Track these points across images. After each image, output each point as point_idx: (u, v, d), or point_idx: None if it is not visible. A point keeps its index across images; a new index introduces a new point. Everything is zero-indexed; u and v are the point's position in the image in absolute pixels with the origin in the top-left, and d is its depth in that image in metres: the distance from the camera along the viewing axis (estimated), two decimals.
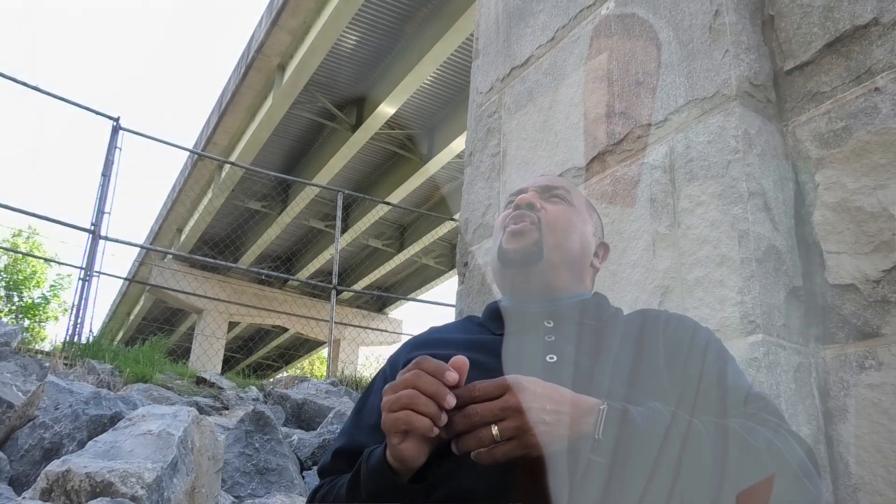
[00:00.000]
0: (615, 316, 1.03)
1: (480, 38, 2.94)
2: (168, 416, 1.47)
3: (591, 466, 0.70)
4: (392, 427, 0.72)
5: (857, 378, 1.41)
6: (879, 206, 1.45)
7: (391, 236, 16.27)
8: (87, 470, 1.26)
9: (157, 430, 1.39)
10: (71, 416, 1.71)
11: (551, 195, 1.11)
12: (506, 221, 1.08)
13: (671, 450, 0.70)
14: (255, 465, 1.69)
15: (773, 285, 1.50)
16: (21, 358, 2.29)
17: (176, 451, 1.34)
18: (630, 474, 0.69)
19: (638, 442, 0.70)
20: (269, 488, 1.64)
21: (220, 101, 12.45)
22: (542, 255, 1.01)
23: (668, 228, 1.71)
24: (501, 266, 1.05)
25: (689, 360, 0.89)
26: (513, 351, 0.91)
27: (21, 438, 1.69)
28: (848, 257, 1.49)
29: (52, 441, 1.68)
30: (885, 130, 1.47)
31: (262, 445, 1.74)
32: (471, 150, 2.81)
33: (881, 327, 1.40)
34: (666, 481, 0.68)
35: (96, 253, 4.18)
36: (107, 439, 1.41)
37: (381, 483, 0.76)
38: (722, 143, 1.63)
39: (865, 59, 1.56)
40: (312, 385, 3.13)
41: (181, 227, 16.18)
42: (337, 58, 10.78)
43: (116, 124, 4.73)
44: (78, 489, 1.25)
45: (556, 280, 1.02)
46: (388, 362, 1.05)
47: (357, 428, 0.95)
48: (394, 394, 0.73)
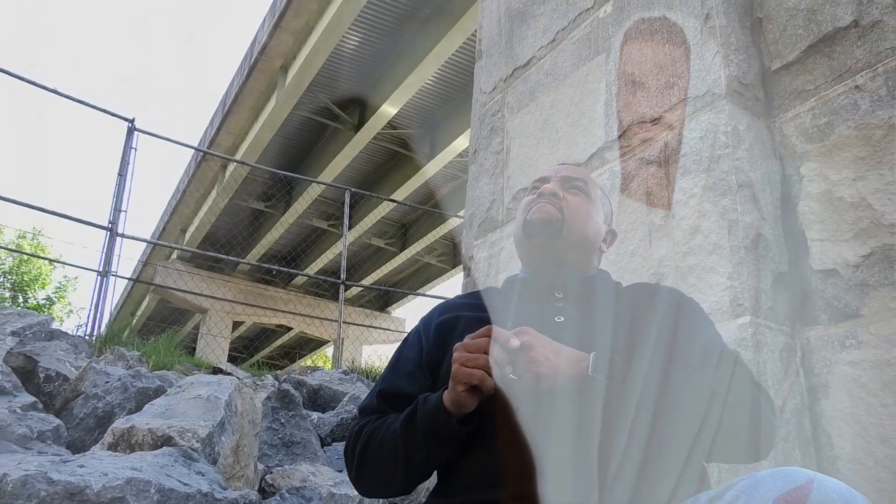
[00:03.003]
0: (615, 287, 1.17)
1: (483, 40, 3.04)
2: (213, 383, 1.61)
3: (588, 400, 0.86)
4: (465, 379, 0.88)
5: (839, 356, 1.51)
6: (858, 197, 1.55)
7: (393, 235, 16.39)
8: (149, 426, 1.39)
9: (206, 394, 1.52)
10: (121, 388, 1.84)
11: (571, 186, 1.24)
12: (530, 205, 1.21)
13: (651, 383, 0.86)
14: (282, 438, 1.82)
15: (761, 271, 1.60)
16: (71, 337, 2.43)
17: (223, 413, 1.47)
18: (619, 402, 0.86)
19: (622, 376, 0.87)
20: (294, 459, 1.77)
21: (224, 102, 12.57)
22: (562, 233, 1.16)
23: (662, 220, 1.81)
24: (525, 236, 1.19)
25: (679, 321, 1.02)
26: (526, 313, 1.05)
27: (76, 408, 1.82)
28: (830, 244, 1.59)
29: (105, 410, 1.81)
30: (864, 125, 1.58)
31: (287, 421, 1.86)
32: (475, 148, 2.91)
33: (860, 309, 1.50)
34: (649, 407, 0.83)
35: (114, 250, 4.32)
36: (161, 403, 1.55)
37: (437, 422, 0.92)
38: (713, 139, 1.74)
39: (846, 59, 1.67)
40: (325, 374, 3.26)
41: (185, 228, 16.30)
42: (339, 58, 10.89)
43: (132, 125, 4.86)
44: (141, 442, 1.38)
45: (568, 257, 1.17)
46: (421, 322, 1.19)
47: (396, 375, 1.10)
48: (467, 353, 0.89)
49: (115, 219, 4.42)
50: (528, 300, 1.11)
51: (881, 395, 1.42)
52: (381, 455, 0.99)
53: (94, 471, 1.19)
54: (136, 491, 1.20)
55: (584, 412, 0.86)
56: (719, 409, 0.85)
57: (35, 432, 1.56)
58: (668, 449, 0.85)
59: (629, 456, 0.83)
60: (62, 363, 1.91)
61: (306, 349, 21.95)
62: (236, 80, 11.92)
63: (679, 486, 0.84)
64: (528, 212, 1.20)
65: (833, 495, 0.65)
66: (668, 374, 0.88)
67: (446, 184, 14.20)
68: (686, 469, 0.85)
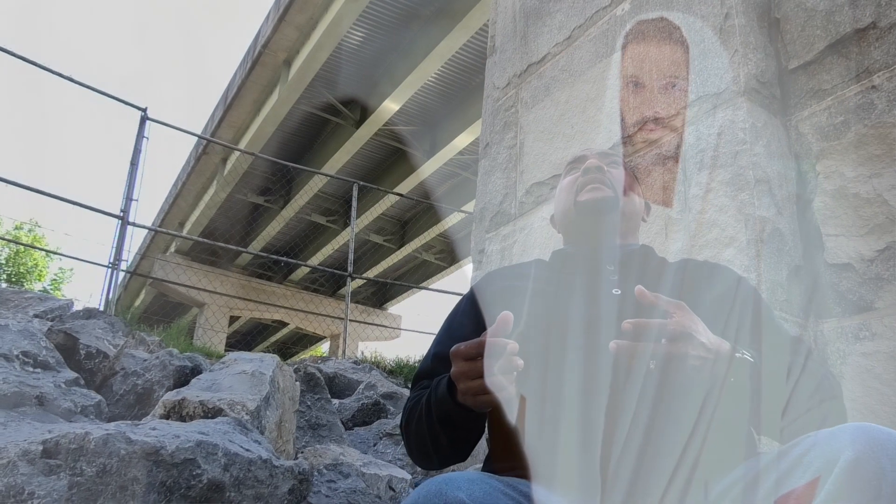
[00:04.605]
0: (663, 261, 1.19)
1: (497, 36, 3.08)
2: (256, 360, 1.65)
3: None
4: (474, 392, 0.82)
5: (853, 348, 1.55)
6: (874, 193, 1.59)
7: (392, 232, 16.41)
8: (199, 398, 1.43)
9: (251, 370, 1.56)
10: (159, 366, 1.87)
11: (610, 161, 1.26)
12: (576, 183, 1.22)
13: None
14: (308, 420, 1.86)
15: (777, 264, 1.64)
16: (109, 317, 2.46)
17: (269, 388, 1.50)
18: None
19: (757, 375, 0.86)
20: (321, 441, 1.80)
21: (226, 95, 12.57)
22: (618, 205, 1.17)
23: (679, 213, 1.85)
24: (579, 217, 1.18)
25: (738, 300, 1.04)
26: (583, 285, 1.05)
27: (115, 385, 1.85)
28: (845, 239, 1.63)
29: (144, 387, 1.84)
30: (880, 124, 1.62)
31: (313, 404, 1.90)
32: (486, 143, 2.94)
33: (874, 301, 1.54)
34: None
35: (125, 238, 4.34)
36: (207, 377, 1.58)
37: (450, 410, 0.90)
38: (731, 135, 1.77)
39: (864, 60, 1.71)
40: (338, 363, 3.29)
41: (183, 222, 16.29)
42: (343, 54, 10.91)
43: (144, 114, 4.87)
44: (192, 414, 1.42)
45: (623, 228, 1.18)
46: (474, 291, 1.18)
47: (450, 339, 1.09)
48: (464, 363, 0.84)
49: (127, 207, 4.44)
50: (581, 273, 1.11)
51: (895, 384, 1.46)
52: (418, 433, 1.00)
53: (167, 433, 1.23)
54: (206, 453, 1.25)
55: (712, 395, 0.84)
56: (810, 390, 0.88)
57: (79, 407, 1.59)
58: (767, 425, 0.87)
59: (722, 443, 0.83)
60: (101, 341, 1.95)
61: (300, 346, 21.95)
62: (239, 74, 11.92)
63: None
64: (579, 192, 1.20)
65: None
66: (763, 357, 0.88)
67: (445, 181, 14.23)
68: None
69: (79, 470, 1.17)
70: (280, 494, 1.27)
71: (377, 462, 1.73)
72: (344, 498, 1.47)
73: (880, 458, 0.62)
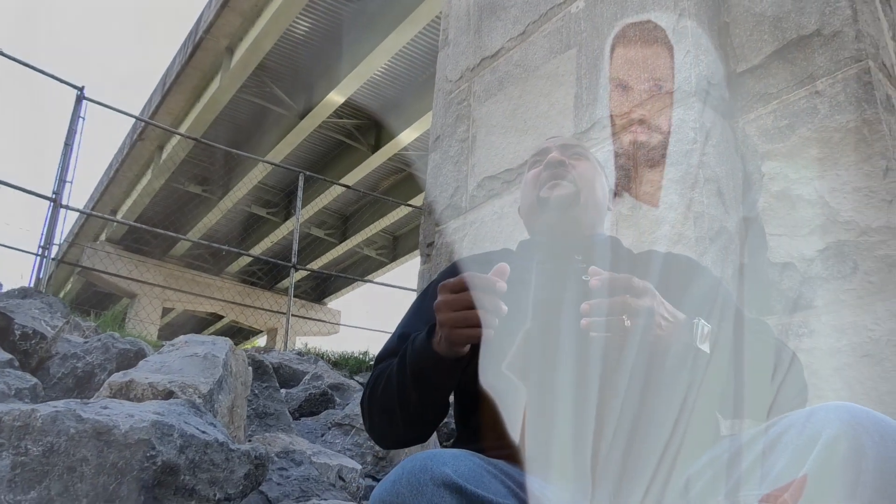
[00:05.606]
0: (629, 252, 1.20)
1: (450, 29, 3.06)
2: (208, 343, 1.58)
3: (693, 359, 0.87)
4: (454, 323, 0.83)
5: (794, 344, 1.60)
6: (816, 195, 1.65)
7: (333, 226, 16.23)
8: (149, 380, 1.35)
9: (203, 353, 1.49)
10: (101, 349, 1.78)
11: (573, 153, 1.25)
12: (539, 177, 1.21)
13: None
14: (255, 409, 1.80)
15: (723, 262, 1.68)
16: (46, 297, 2.32)
17: (222, 371, 1.44)
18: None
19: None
20: (269, 430, 1.75)
21: (164, 80, 12.17)
22: (579, 200, 1.17)
23: (630, 210, 1.87)
24: (541, 212, 1.18)
25: (702, 284, 1.06)
26: (553, 273, 1.05)
27: (53, 368, 1.74)
28: (787, 239, 1.68)
29: (85, 370, 1.75)
30: (823, 129, 1.67)
31: (260, 392, 1.84)
32: (437, 135, 2.93)
33: (814, 300, 1.60)
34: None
35: (56, 222, 4.12)
36: (156, 359, 1.51)
37: (425, 362, 0.89)
38: (682, 134, 1.81)
39: (808, 66, 1.77)
40: (282, 354, 3.22)
41: (116, 209, 15.71)
42: (288, 43, 10.71)
43: (81, 94, 4.64)
44: (140, 396, 1.34)
45: (587, 220, 1.18)
46: (443, 276, 1.16)
47: (419, 321, 1.08)
48: (451, 294, 0.84)
49: (60, 189, 4.22)
50: (550, 261, 1.11)
51: (832, 381, 1.51)
52: (385, 395, 0.97)
53: (120, 412, 1.16)
54: (161, 434, 1.19)
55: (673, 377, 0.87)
56: (773, 370, 0.90)
57: (13, 389, 1.50)
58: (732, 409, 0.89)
59: (685, 422, 0.84)
60: (38, 322, 1.83)
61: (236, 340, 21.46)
62: (178, 59, 11.56)
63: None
64: (541, 187, 1.20)
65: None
66: (741, 336, 0.91)
67: (390, 176, 14.16)
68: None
69: (23, 449, 1.10)
70: (235, 479, 1.22)
71: (326, 452, 1.69)
72: (297, 485, 1.44)
73: (860, 436, 0.64)
